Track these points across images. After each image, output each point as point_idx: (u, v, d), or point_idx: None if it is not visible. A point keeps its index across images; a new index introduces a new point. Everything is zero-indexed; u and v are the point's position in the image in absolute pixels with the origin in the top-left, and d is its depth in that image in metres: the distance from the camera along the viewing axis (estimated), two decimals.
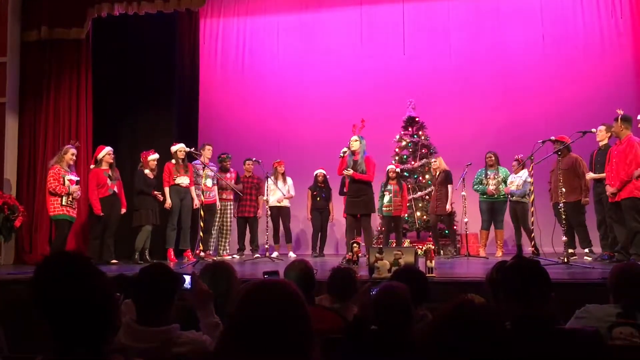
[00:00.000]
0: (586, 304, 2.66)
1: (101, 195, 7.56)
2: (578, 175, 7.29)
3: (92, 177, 7.67)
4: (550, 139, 6.92)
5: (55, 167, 7.22)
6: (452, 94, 10.01)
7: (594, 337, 2.04)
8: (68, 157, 7.32)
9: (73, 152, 7.38)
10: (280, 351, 1.40)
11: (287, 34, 10.76)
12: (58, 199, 7.15)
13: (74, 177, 7.32)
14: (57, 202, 7.16)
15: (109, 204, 7.60)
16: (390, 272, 5.02)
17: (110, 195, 7.62)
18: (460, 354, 1.55)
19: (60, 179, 7.17)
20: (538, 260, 2.30)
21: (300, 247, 10.31)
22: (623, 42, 9.64)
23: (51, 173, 7.19)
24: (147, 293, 2.29)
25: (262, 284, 1.54)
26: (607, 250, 6.99)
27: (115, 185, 7.73)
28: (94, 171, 7.68)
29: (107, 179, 7.60)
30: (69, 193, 7.18)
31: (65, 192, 7.16)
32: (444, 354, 1.58)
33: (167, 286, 2.32)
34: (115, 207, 7.68)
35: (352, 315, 2.98)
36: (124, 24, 8.84)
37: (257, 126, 10.48)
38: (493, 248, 8.55)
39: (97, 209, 7.51)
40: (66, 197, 7.16)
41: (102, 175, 7.61)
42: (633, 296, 2.56)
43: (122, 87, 9.07)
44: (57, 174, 7.18)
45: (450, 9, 10.18)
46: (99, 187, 7.57)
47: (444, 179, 8.43)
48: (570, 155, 7.33)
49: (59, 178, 7.17)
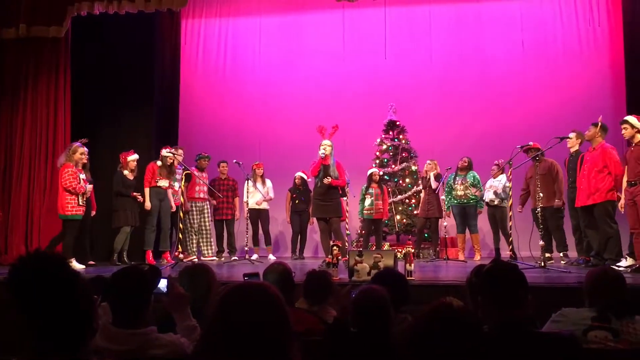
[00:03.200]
0: (562, 308, 2.69)
1: None
2: (553, 179, 7.39)
3: None
4: (529, 144, 7.01)
5: (70, 165, 7.01)
6: (433, 98, 10.09)
7: (569, 340, 2.07)
8: (77, 156, 7.12)
9: (82, 151, 7.19)
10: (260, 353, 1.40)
11: (269, 36, 10.74)
12: (75, 198, 6.96)
13: (84, 177, 7.19)
14: (75, 201, 6.96)
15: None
16: (369, 275, 5.04)
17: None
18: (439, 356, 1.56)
19: (77, 177, 7.00)
20: (515, 264, 2.32)
21: (280, 249, 10.28)
22: (600, 50, 9.82)
23: (68, 171, 6.95)
24: (120, 296, 2.26)
25: (241, 287, 1.54)
26: (583, 254, 7.10)
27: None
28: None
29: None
30: (84, 192, 7.04)
31: (83, 191, 7.00)
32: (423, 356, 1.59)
33: (141, 289, 2.30)
34: (88, 209, 7.58)
35: (330, 317, 2.99)
36: (104, 23, 8.74)
37: (238, 127, 10.45)
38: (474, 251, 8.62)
39: None
40: (81, 197, 7.01)
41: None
42: (608, 300, 2.60)
43: (101, 86, 8.97)
44: (75, 173, 6.99)
45: (432, 14, 10.26)
46: None
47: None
48: (546, 160, 7.43)
49: (77, 177, 6.99)
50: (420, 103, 10.05)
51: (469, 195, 8.29)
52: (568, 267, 6.73)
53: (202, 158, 8.81)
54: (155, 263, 7.74)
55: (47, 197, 8.02)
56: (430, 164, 8.56)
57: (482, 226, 8.92)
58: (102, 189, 8.00)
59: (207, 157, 8.86)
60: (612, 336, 2.47)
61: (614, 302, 2.58)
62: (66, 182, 6.94)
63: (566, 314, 2.64)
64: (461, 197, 8.32)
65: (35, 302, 1.46)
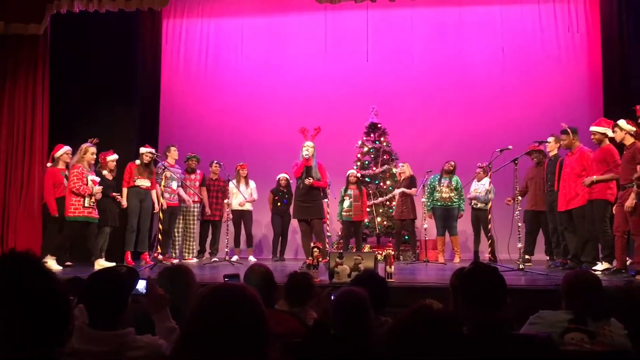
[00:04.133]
0: (540, 310, 2.72)
1: (57, 195, 7.34)
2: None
3: (48, 176, 7.45)
4: (508, 147, 7.08)
5: (79, 166, 6.94)
6: (414, 101, 10.15)
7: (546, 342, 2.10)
8: (88, 156, 7.06)
9: (93, 152, 7.14)
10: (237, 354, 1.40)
11: (251, 37, 10.71)
12: (80, 200, 6.88)
13: (96, 178, 7.12)
14: (80, 203, 6.88)
15: (64, 204, 7.41)
16: (350, 277, 5.05)
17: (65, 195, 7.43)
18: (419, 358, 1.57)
19: (84, 178, 6.91)
20: (495, 266, 2.34)
21: (262, 251, 10.24)
22: (578, 56, 9.97)
23: (75, 173, 6.89)
24: (97, 298, 2.24)
25: (218, 288, 1.54)
26: (561, 257, 7.19)
27: None
28: (51, 170, 7.48)
29: (64, 179, 7.40)
30: (92, 194, 6.94)
31: (89, 192, 6.90)
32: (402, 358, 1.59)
33: (118, 291, 2.27)
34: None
35: (310, 319, 2.98)
36: (84, 22, 8.64)
37: (220, 128, 10.40)
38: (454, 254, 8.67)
39: (53, 209, 7.30)
40: (89, 198, 6.91)
41: (58, 175, 7.41)
42: (584, 302, 2.63)
43: (80, 85, 8.86)
44: (81, 174, 6.91)
45: (414, 18, 10.31)
46: (55, 186, 7.36)
47: (408, 185, 8.53)
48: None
49: (82, 178, 6.90)
50: (401, 106, 10.10)
51: (453, 198, 8.36)
52: (545, 270, 6.81)
53: (191, 158, 8.72)
54: (134, 264, 7.67)
55: (23, 197, 7.90)
56: (402, 167, 8.71)
57: (464, 229, 9.00)
58: None
59: (195, 157, 8.77)
60: (589, 338, 2.50)
61: (591, 305, 2.61)
62: (71, 183, 6.89)
63: (544, 316, 2.67)
64: (445, 200, 8.37)
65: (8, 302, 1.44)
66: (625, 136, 5.98)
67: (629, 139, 5.95)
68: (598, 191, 6.27)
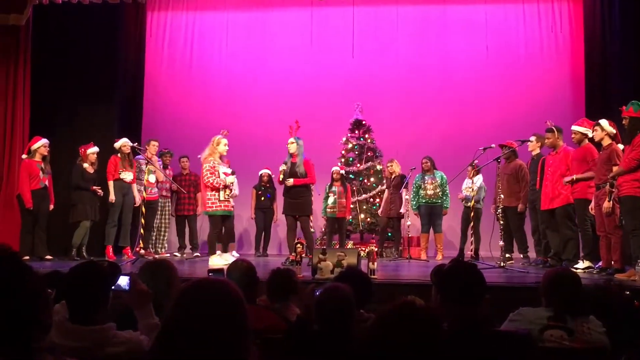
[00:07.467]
0: (520, 307, 2.75)
1: (32, 187, 7.28)
2: (519, 181, 7.52)
3: (24, 167, 7.37)
4: (491, 146, 7.13)
5: (209, 160, 6.79)
6: (399, 99, 10.16)
7: (525, 339, 2.12)
8: (221, 148, 6.93)
9: (226, 143, 6.99)
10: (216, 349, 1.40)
11: (236, 31, 10.62)
12: (216, 194, 6.75)
13: (227, 169, 6.94)
14: (215, 197, 6.75)
15: (39, 196, 7.35)
16: (333, 273, 5.05)
17: (41, 188, 7.37)
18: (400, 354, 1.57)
19: (215, 172, 6.75)
20: (475, 263, 2.36)
21: (244, 246, 10.21)
22: (561, 55, 10.06)
23: (207, 168, 6.74)
24: (77, 292, 2.22)
25: (199, 283, 1.53)
26: (541, 255, 7.26)
27: (47, 179, 7.46)
28: (27, 162, 7.39)
29: (40, 172, 7.32)
30: (226, 186, 6.80)
31: (224, 184, 6.76)
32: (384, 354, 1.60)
33: (98, 285, 2.25)
34: (45, 201, 7.45)
35: (293, 315, 2.98)
36: (67, 12, 8.52)
37: (203, 122, 10.27)
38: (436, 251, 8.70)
39: (28, 201, 7.23)
40: (223, 192, 6.77)
41: (34, 167, 7.33)
42: (564, 300, 2.65)
43: (62, 77, 8.74)
44: (213, 168, 6.75)
45: (399, 16, 10.31)
46: (30, 178, 7.28)
47: (399, 183, 8.56)
48: (516, 161, 7.59)
49: (214, 172, 6.74)
50: (386, 103, 10.12)
51: (439, 194, 8.39)
52: (526, 268, 6.88)
53: (165, 154, 8.70)
54: (115, 259, 7.60)
55: (4, 190, 7.80)
56: (391, 165, 8.71)
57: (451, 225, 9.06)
58: (62, 182, 7.80)
59: (168, 152, 8.76)
60: (567, 335, 2.52)
61: (570, 302, 2.64)
62: (205, 178, 6.81)
63: (523, 313, 2.69)
64: (430, 197, 8.40)
65: None
66: (604, 137, 6.06)
67: (607, 140, 6.04)
68: (579, 191, 6.36)
